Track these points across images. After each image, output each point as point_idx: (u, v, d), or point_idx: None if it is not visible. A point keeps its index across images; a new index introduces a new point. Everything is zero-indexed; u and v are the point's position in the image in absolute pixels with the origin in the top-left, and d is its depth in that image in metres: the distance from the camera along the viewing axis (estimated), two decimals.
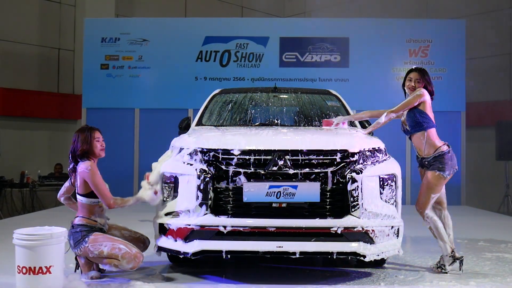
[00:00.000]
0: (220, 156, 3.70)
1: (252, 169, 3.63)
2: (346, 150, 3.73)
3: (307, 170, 3.63)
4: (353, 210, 3.60)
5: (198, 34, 10.35)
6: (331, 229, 3.55)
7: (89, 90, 10.25)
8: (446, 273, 4.09)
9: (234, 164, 3.66)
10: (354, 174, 3.64)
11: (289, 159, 3.64)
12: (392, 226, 3.79)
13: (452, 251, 4.11)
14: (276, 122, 4.92)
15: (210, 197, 3.62)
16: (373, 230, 3.63)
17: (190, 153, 3.82)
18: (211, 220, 3.58)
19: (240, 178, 3.61)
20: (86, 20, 10.63)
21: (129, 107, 10.22)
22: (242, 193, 3.59)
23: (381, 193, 3.76)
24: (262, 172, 3.61)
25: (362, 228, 3.59)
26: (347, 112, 5.12)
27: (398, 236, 3.86)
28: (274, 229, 3.54)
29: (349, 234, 3.57)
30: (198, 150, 3.79)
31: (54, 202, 10.69)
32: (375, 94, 9.98)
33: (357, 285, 3.74)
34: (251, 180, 3.60)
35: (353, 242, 3.58)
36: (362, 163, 3.75)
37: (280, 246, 3.52)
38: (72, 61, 12.43)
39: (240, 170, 3.63)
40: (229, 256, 3.57)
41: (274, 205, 3.58)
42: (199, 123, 4.96)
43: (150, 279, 3.85)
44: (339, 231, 3.55)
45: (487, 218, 8.24)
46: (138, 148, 10.17)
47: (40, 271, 3.36)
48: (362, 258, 3.60)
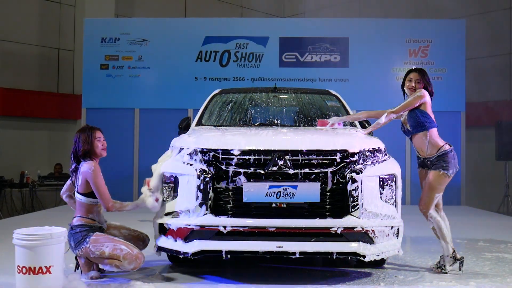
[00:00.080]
0: (220, 156, 3.70)
1: (252, 169, 3.63)
2: (346, 150, 3.73)
3: (307, 170, 3.63)
4: (353, 210, 3.60)
5: (198, 34, 10.34)
6: (331, 229, 3.56)
7: (89, 90, 10.24)
8: (446, 273, 4.09)
9: (234, 164, 3.66)
10: (354, 174, 3.64)
11: (289, 159, 3.64)
12: (392, 226, 3.79)
13: (453, 252, 4.11)
14: (276, 122, 4.92)
15: (210, 197, 3.62)
16: (373, 230, 3.63)
17: (190, 153, 3.82)
18: (211, 220, 3.58)
19: (240, 178, 3.61)
20: (86, 20, 10.63)
21: (129, 107, 10.21)
22: (242, 193, 3.59)
23: (381, 193, 3.76)
24: (262, 172, 3.61)
25: (362, 228, 3.59)
26: (347, 112, 5.11)
27: (398, 236, 3.87)
28: (274, 229, 3.54)
29: (349, 234, 3.57)
30: (198, 150, 3.79)
31: (54, 202, 10.70)
32: (375, 94, 9.97)
33: (357, 285, 3.74)
34: (251, 180, 3.60)
35: (353, 242, 3.58)
36: (362, 163, 3.75)
37: (280, 246, 3.53)
38: (72, 61, 12.43)
39: (240, 170, 3.63)
40: (229, 256, 3.57)
41: (274, 205, 3.58)
42: (199, 123, 4.96)
43: (150, 279, 3.85)
44: (339, 231, 3.56)
45: (487, 218, 8.24)
46: (138, 148, 10.16)
47: (40, 271, 3.36)
48: (362, 258, 3.60)
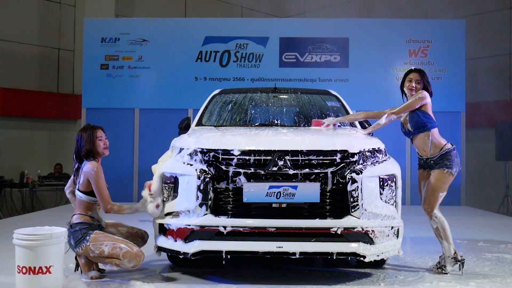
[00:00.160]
0: (220, 156, 3.70)
1: (252, 169, 3.63)
2: (346, 151, 3.73)
3: (307, 170, 3.63)
4: (353, 210, 3.60)
5: (198, 34, 10.33)
6: (331, 229, 3.56)
7: (89, 90, 10.23)
8: (446, 273, 4.08)
9: (234, 164, 3.66)
10: (354, 175, 3.64)
11: (289, 160, 3.64)
12: (392, 227, 3.79)
13: (454, 253, 4.11)
14: (276, 122, 4.92)
15: (210, 197, 3.62)
16: (373, 231, 3.63)
17: (190, 153, 3.82)
18: (211, 220, 3.58)
19: (240, 179, 3.61)
20: (86, 20, 10.63)
21: (129, 107, 10.20)
22: (242, 193, 3.59)
23: (381, 193, 3.76)
24: (262, 172, 3.61)
25: (362, 228, 3.59)
26: (347, 112, 5.11)
27: (398, 236, 3.86)
28: (274, 229, 3.54)
29: (349, 235, 3.57)
30: (198, 150, 3.79)
31: (54, 202, 10.70)
32: (375, 94, 9.96)
33: (357, 285, 3.74)
34: (251, 180, 3.60)
35: (353, 243, 3.58)
36: (362, 164, 3.75)
37: (280, 247, 3.53)
38: (72, 61, 12.43)
39: (240, 170, 3.63)
40: (229, 256, 3.57)
41: (274, 205, 3.58)
42: (199, 123, 4.97)
43: (150, 279, 3.85)
44: (339, 232, 3.56)
45: (487, 218, 8.23)
46: (138, 148, 10.15)
47: (40, 271, 3.36)
48: (362, 259, 3.60)
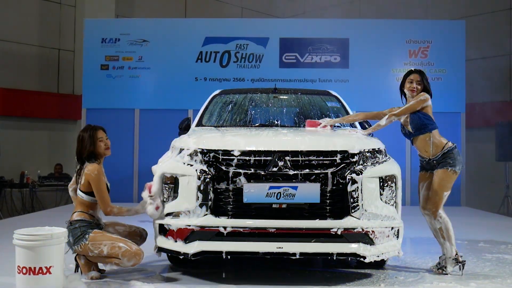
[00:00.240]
0: (220, 157, 3.70)
1: (252, 170, 3.63)
2: (346, 151, 3.73)
3: (307, 171, 3.63)
4: (353, 211, 3.60)
5: (198, 35, 10.34)
6: (331, 230, 3.56)
7: (89, 91, 10.24)
8: (446, 274, 4.08)
9: (234, 165, 3.66)
10: (354, 175, 3.64)
11: (289, 160, 3.64)
12: (392, 227, 3.79)
13: (456, 254, 4.11)
14: (276, 123, 4.93)
15: (210, 198, 3.62)
16: (373, 231, 3.63)
17: (190, 153, 3.82)
18: (211, 221, 3.58)
19: (240, 179, 3.61)
20: (86, 20, 10.63)
21: (129, 108, 10.21)
22: (242, 194, 3.59)
23: (381, 194, 3.75)
24: (262, 173, 3.61)
25: (362, 229, 3.59)
26: (347, 113, 5.11)
27: (398, 237, 3.86)
28: (274, 230, 3.54)
29: (349, 235, 3.57)
30: (198, 151, 3.78)
31: (54, 202, 10.70)
32: (375, 95, 9.96)
33: (357, 286, 3.74)
34: (251, 181, 3.60)
35: (353, 243, 3.58)
36: (362, 164, 3.75)
37: (280, 247, 3.53)
38: (72, 61, 12.43)
39: (240, 171, 3.63)
40: (229, 257, 3.57)
41: (274, 206, 3.58)
42: (199, 124, 4.97)
43: (150, 279, 3.85)
44: (339, 232, 3.56)
45: (487, 219, 8.23)
46: (138, 148, 10.16)
47: (40, 272, 3.36)
48: (362, 259, 3.59)
